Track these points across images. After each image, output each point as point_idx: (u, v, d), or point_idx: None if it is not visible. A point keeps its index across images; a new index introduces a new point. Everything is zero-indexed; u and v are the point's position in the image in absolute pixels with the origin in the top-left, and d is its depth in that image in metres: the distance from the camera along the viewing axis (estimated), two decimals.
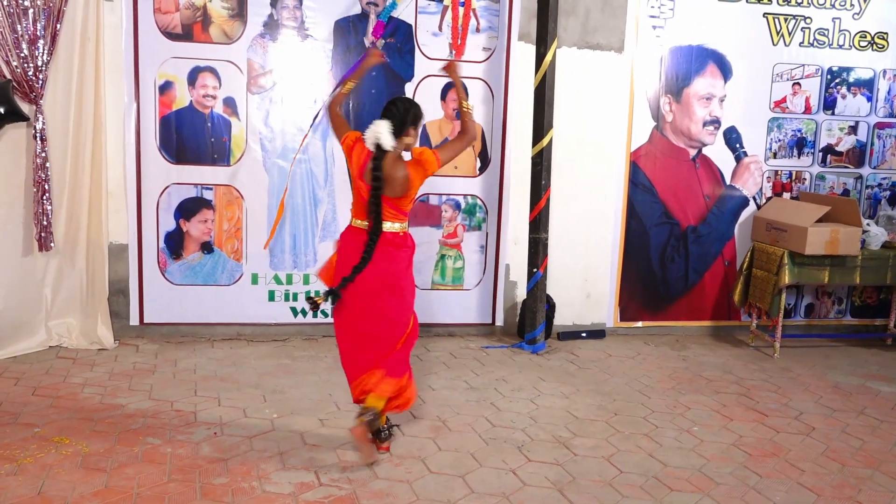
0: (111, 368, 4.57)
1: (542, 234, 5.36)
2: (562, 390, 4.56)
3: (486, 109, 5.46)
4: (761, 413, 4.35)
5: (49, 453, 3.37)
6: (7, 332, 4.67)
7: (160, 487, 3.12)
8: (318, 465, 3.40)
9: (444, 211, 5.53)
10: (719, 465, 3.62)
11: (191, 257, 5.20)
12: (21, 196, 4.67)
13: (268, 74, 5.13)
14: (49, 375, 4.40)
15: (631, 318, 5.93)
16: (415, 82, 5.32)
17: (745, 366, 5.27)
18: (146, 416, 3.87)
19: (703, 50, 5.71)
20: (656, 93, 5.71)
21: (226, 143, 5.13)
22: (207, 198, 5.15)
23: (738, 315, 6.07)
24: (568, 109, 5.51)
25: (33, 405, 3.93)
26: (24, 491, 3.03)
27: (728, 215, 5.95)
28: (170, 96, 5.02)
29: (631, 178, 5.74)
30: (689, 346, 5.70)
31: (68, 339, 4.93)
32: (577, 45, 5.52)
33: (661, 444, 3.84)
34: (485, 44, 5.39)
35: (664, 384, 4.78)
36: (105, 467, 3.27)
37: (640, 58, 5.62)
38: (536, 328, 5.36)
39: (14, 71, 4.46)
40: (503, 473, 3.42)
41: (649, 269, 5.87)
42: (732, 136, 5.86)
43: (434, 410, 4.12)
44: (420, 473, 3.37)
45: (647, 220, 5.81)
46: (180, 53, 4.98)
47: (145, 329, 5.20)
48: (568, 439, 3.83)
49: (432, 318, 5.57)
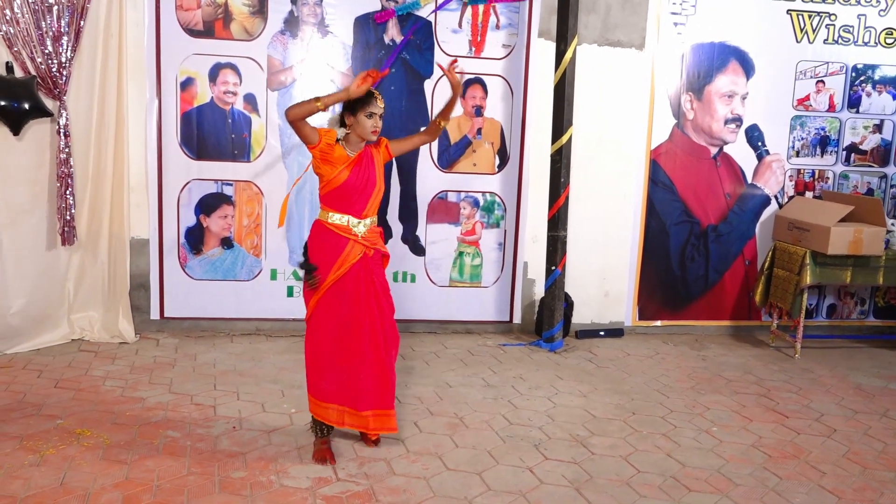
0: (132, 362, 4.62)
1: (561, 231, 5.35)
2: (579, 389, 4.55)
3: (506, 106, 5.45)
4: (782, 414, 4.31)
5: (71, 445, 3.42)
6: (30, 325, 4.74)
7: (179, 480, 3.15)
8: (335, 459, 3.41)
9: (462, 208, 5.53)
10: (738, 466, 3.59)
11: (211, 252, 5.24)
12: (45, 191, 4.73)
13: (288, 71, 5.16)
14: (71, 368, 4.46)
15: (650, 317, 5.90)
16: (434, 79, 5.32)
17: (765, 366, 5.22)
18: (166, 409, 3.91)
19: (726, 47, 5.65)
20: (677, 90, 5.66)
21: (246, 140, 5.16)
22: (227, 194, 5.19)
23: (758, 315, 6.01)
24: (588, 107, 5.49)
25: (56, 397, 3.99)
26: (46, 482, 3.07)
27: (749, 214, 5.90)
28: (191, 92, 5.06)
29: (651, 177, 5.71)
30: (708, 346, 5.66)
31: (90, 332, 4.99)
32: (597, 42, 5.49)
33: (680, 443, 3.81)
34: (504, 41, 5.37)
35: (683, 384, 4.75)
36: (126, 459, 3.31)
37: (661, 55, 5.58)
38: (554, 326, 5.34)
39: (38, 67, 4.52)
40: (520, 471, 3.42)
41: (669, 268, 5.84)
42: (754, 134, 5.80)
43: (451, 407, 4.13)
44: (437, 470, 3.38)
45: (667, 218, 5.77)
46: (201, 50, 5.02)
47: (166, 323, 5.25)
48: (585, 438, 3.82)
49: (450, 315, 5.57)
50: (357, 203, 3.35)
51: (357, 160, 3.34)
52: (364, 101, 3.28)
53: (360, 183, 3.33)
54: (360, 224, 3.36)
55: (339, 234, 3.34)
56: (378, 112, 3.31)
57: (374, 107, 3.29)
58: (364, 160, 3.37)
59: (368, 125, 3.29)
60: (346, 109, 3.32)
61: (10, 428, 3.57)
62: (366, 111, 3.28)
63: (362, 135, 3.32)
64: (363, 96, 3.27)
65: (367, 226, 3.39)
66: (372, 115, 3.29)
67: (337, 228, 3.34)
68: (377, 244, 3.45)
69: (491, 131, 5.48)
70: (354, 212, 3.35)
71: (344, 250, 3.33)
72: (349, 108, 3.31)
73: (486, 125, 5.46)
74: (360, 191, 3.34)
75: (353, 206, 3.35)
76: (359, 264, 3.36)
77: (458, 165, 5.47)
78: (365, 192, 3.36)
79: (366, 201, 3.37)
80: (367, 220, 3.38)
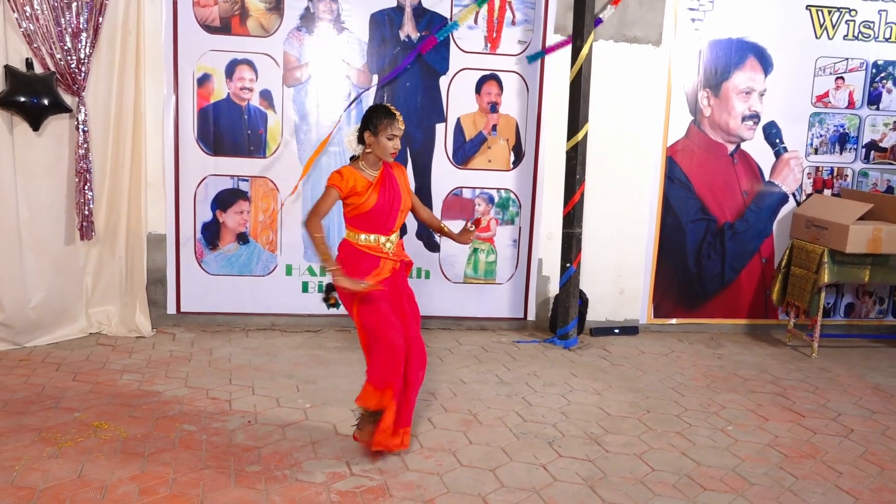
0: (149, 356, 4.66)
1: (576, 228, 5.33)
2: (594, 386, 4.53)
3: (521, 103, 5.43)
4: (798, 413, 4.27)
5: (88, 438, 3.45)
6: (49, 319, 4.79)
7: (195, 473, 3.17)
8: (349, 455, 3.43)
9: (477, 204, 5.52)
10: (754, 466, 3.57)
11: (227, 248, 5.27)
12: (63, 186, 4.77)
13: (304, 67, 5.17)
14: (89, 361, 4.50)
15: (665, 314, 5.87)
16: (449, 75, 5.31)
17: (781, 365, 5.18)
18: (182, 403, 3.94)
19: (744, 43, 5.60)
20: (694, 87, 5.62)
21: (262, 136, 5.19)
22: (243, 189, 5.22)
23: (775, 313, 5.97)
24: (604, 103, 5.46)
25: (73, 390, 4.03)
26: (64, 474, 3.11)
27: (766, 212, 5.85)
28: (208, 88, 5.08)
29: (667, 174, 5.67)
30: (724, 345, 5.62)
31: (108, 326, 5.03)
32: (613, 38, 5.46)
33: (695, 442, 3.79)
34: (520, 37, 5.36)
35: (698, 382, 4.72)
36: (142, 452, 3.34)
37: (678, 51, 5.54)
38: (569, 323, 5.33)
39: (58, 63, 4.56)
40: (533, 468, 3.41)
41: (684, 266, 5.80)
42: (772, 131, 5.75)
43: (465, 404, 4.13)
44: (450, 466, 3.38)
45: (683, 215, 5.74)
46: (218, 46, 5.04)
47: (182, 318, 5.29)
48: (599, 436, 3.81)
49: (464, 312, 5.57)
50: (387, 222, 3.34)
51: (380, 182, 3.32)
52: (386, 123, 3.24)
53: (387, 203, 3.32)
54: (387, 241, 3.36)
55: (371, 253, 3.33)
56: (399, 134, 3.28)
57: (396, 128, 3.26)
58: (386, 180, 3.35)
59: (389, 147, 3.27)
60: (366, 128, 3.28)
61: (29, 420, 3.62)
62: (387, 133, 3.25)
63: (381, 155, 3.29)
64: (385, 115, 3.25)
65: (394, 241, 3.40)
66: (393, 136, 3.26)
67: (368, 249, 3.33)
68: (402, 256, 3.47)
69: (506, 128, 5.46)
70: (384, 231, 3.35)
71: (377, 268, 3.32)
72: (370, 127, 3.27)
73: (502, 122, 5.44)
74: (388, 211, 3.33)
75: (383, 226, 3.34)
76: (389, 278, 3.37)
77: (473, 162, 5.46)
78: (392, 211, 3.35)
79: (394, 220, 3.37)
80: (393, 237, 3.39)
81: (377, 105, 3.37)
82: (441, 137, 5.39)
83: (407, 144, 5.34)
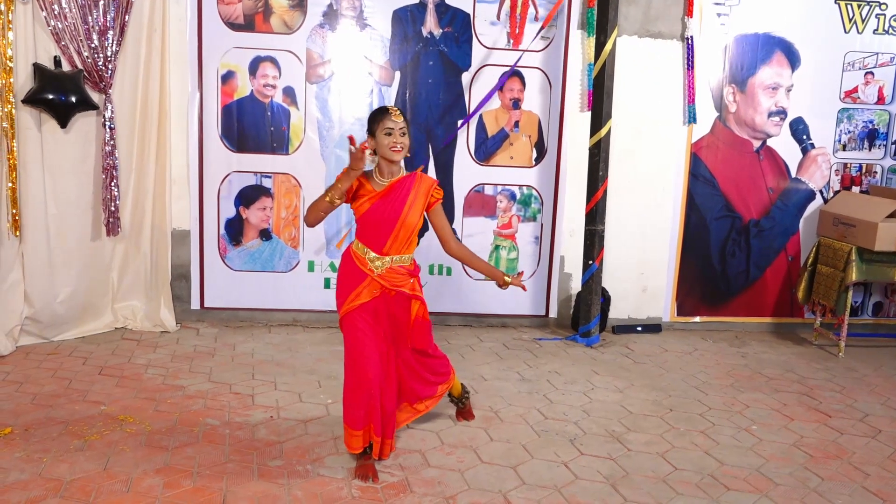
0: (173, 351, 4.72)
1: (599, 225, 5.30)
2: (616, 384, 4.51)
3: (544, 99, 5.41)
4: (824, 413, 4.22)
5: (114, 431, 3.50)
6: (76, 314, 4.86)
7: (219, 467, 3.21)
8: None
9: (499, 201, 5.51)
10: (779, 466, 3.53)
11: (250, 244, 5.31)
12: (90, 182, 4.84)
13: (326, 64, 5.19)
14: (115, 356, 4.57)
15: (688, 312, 5.82)
16: (472, 71, 5.31)
17: (807, 364, 5.12)
18: (206, 397, 3.98)
19: (770, 38, 5.53)
20: (719, 82, 5.56)
21: (285, 132, 5.22)
22: (266, 186, 5.25)
23: (801, 312, 5.89)
24: (627, 99, 5.42)
25: (100, 384, 4.09)
26: (91, 466, 3.16)
27: (793, 209, 5.78)
28: (231, 86, 5.12)
29: (691, 170, 5.62)
30: (748, 343, 5.56)
31: (133, 321, 5.10)
32: (637, 33, 5.42)
33: (718, 441, 3.76)
34: (543, 33, 5.33)
35: (722, 381, 4.68)
36: (167, 446, 3.38)
37: (703, 46, 5.48)
38: (591, 321, 5.30)
39: (85, 61, 4.62)
40: (555, 466, 3.41)
41: (709, 264, 5.75)
42: (799, 127, 5.68)
43: (486, 401, 4.13)
44: (471, 463, 3.39)
45: (708, 213, 5.69)
46: (242, 44, 5.08)
47: (206, 313, 5.34)
48: (621, 434, 3.79)
49: (485, 309, 5.57)
50: (378, 238, 3.14)
51: (384, 193, 3.13)
52: (380, 120, 3.08)
53: (379, 217, 3.12)
54: (377, 260, 3.15)
55: (357, 265, 3.17)
56: (395, 127, 3.07)
57: (389, 121, 3.06)
58: (394, 193, 3.13)
59: (386, 143, 3.07)
60: (368, 134, 3.15)
61: (56, 413, 3.68)
62: (383, 129, 3.07)
63: (385, 155, 3.10)
64: (378, 113, 3.11)
65: (388, 264, 3.15)
66: (390, 131, 3.06)
67: (356, 258, 3.18)
68: (401, 285, 3.18)
69: (528, 124, 5.44)
70: (375, 247, 3.15)
71: (360, 285, 3.16)
72: (370, 131, 3.13)
73: (524, 118, 5.43)
74: (379, 224, 3.13)
75: (374, 241, 3.15)
76: (379, 300, 3.18)
77: (495, 158, 5.45)
78: (384, 226, 3.12)
79: (386, 237, 3.13)
80: (387, 258, 3.15)
81: (375, 108, 3.26)
82: (463, 134, 5.38)
83: (429, 141, 5.34)
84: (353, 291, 3.17)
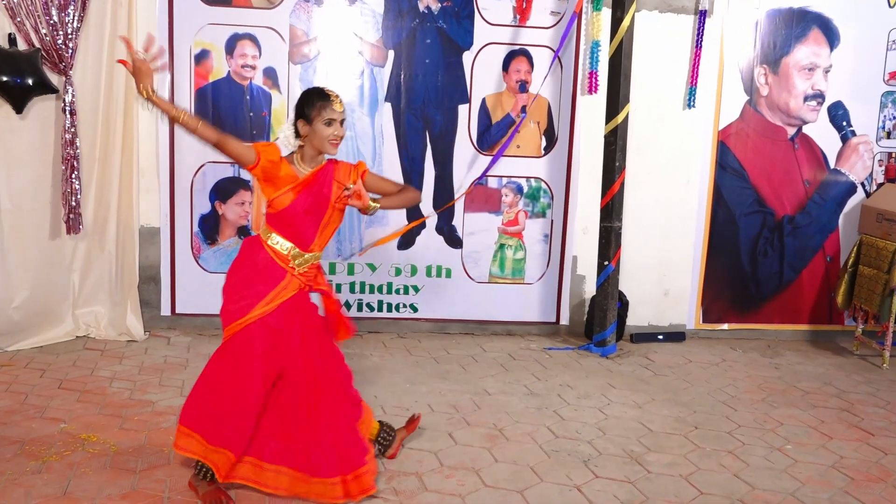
0: (141, 362, 4.71)
1: (615, 222, 5.30)
2: (634, 399, 4.52)
3: (554, 81, 5.42)
4: (866, 431, 4.23)
5: (76, 451, 3.50)
6: (33, 320, 4.86)
7: (191, 492, 3.20)
8: None
9: (504, 195, 5.52)
10: (816, 490, 3.53)
11: (226, 243, 5.32)
12: (49, 174, 4.84)
13: (312, 42, 5.19)
14: (76, 367, 4.56)
15: (715, 319, 5.83)
16: (474, 51, 5.31)
17: (847, 377, 5.13)
18: (177, 414, 3.96)
19: (806, 13, 5.54)
20: (750, 63, 5.57)
21: (265, 118, 5.22)
22: (245, 178, 5.25)
23: (840, 319, 5.90)
24: (647, 82, 5.42)
25: (59, 399, 4.09)
26: (49, 490, 3.15)
27: (831, 204, 5.79)
28: (206, 66, 5.12)
29: (718, 160, 5.63)
30: (782, 353, 5.57)
31: (96, 328, 5.10)
32: (658, 8, 5.42)
33: (749, 463, 3.77)
34: (553, 7, 5.33)
35: (753, 395, 4.69)
36: (134, 468, 3.38)
37: (731, 22, 5.49)
38: (606, 328, 5.31)
39: (43, 39, 4.62)
40: (567, 490, 3.41)
41: (738, 265, 5.76)
42: (838, 112, 5.69)
43: (490, 417, 4.13)
44: (474, 486, 3.39)
45: (737, 208, 5.69)
46: (218, 20, 5.08)
47: (177, 320, 5.34)
48: (641, 454, 3.79)
49: (489, 315, 5.58)
50: (305, 233, 3.11)
51: (308, 181, 3.08)
52: (319, 106, 3.02)
53: (307, 209, 3.09)
54: (299, 258, 3.12)
55: (277, 261, 3.11)
56: (337, 118, 3.04)
57: (331, 111, 3.02)
58: (318, 183, 3.10)
59: (326, 134, 3.03)
60: (298, 116, 3.07)
61: (11, 432, 3.67)
62: (322, 118, 3.02)
63: (320, 147, 3.06)
64: (318, 98, 3.04)
65: (308, 260, 3.15)
66: (331, 121, 3.02)
67: (275, 254, 3.11)
68: (316, 280, 3.22)
69: (537, 109, 5.45)
70: (301, 244, 3.12)
71: (279, 283, 3.09)
72: (302, 114, 3.06)
73: (532, 102, 5.43)
74: (307, 219, 3.10)
75: (300, 236, 3.11)
76: (292, 301, 3.11)
77: (499, 147, 5.45)
78: (312, 221, 3.12)
79: (314, 232, 3.13)
80: (309, 255, 3.14)
81: (309, 89, 3.15)
82: (464, 120, 5.38)
83: (426, 128, 5.34)
84: (271, 291, 3.08)
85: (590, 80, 5.36)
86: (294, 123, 3.10)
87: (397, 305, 5.52)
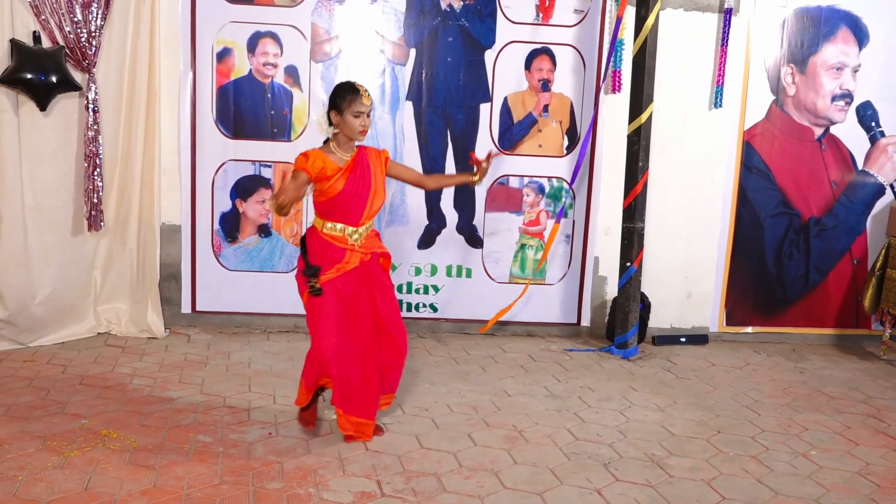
0: (161, 359, 4.76)
1: (638, 223, 5.28)
2: (656, 402, 4.50)
3: (577, 80, 5.40)
4: (893, 438, 4.18)
5: (96, 447, 3.54)
6: (55, 317, 4.92)
7: (211, 489, 3.23)
8: (380, 473, 3.45)
9: (525, 195, 5.51)
10: (841, 497, 3.50)
11: (247, 241, 5.35)
12: (71, 171, 4.90)
13: (333, 41, 5.21)
14: (97, 364, 4.62)
15: (739, 322, 5.79)
16: (496, 49, 5.31)
17: (874, 382, 5.07)
18: (197, 411, 4.01)
19: (835, 11, 5.49)
20: (776, 62, 5.52)
21: (286, 116, 5.25)
22: (266, 176, 5.29)
23: (867, 323, 5.85)
24: (671, 81, 5.40)
25: (81, 395, 4.14)
26: (70, 486, 3.19)
27: (859, 206, 5.74)
28: (228, 64, 5.16)
29: (743, 161, 5.59)
30: (807, 357, 5.52)
31: (117, 325, 5.15)
32: (683, 6, 5.40)
33: (772, 468, 3.74)
34: (576, 5, 5.32)
35: (777, 400, 4.65)
36: (154, 464, 3.41)
37: (758, 21, 5.45)
38: (628, 330, 5.29)
39: (67, 37, 4.67)
40: (587, 493, 3.40)
41: (763, 267, 5.72)
42: (867, 112, 5.63)
43: (509, 419, 4.13)
44: (493, 488, 3.39)
45: (762, 209, 5.65)
46: (240, 18, 5.12)
47: (197, 318, 5.39)
48: (662, 458, 3.77)
49: (509, 316, 5.57)
50: (354, 212, 3.57)
51: (351, 167, 3.55)
52: (350, 100, 3.47)
53: (355, 191, 3.55)
54: (354, 233, 3.59)
55: (335, 244, 3.57)
56: (365, 111, 3.49)
57: (360, 105, 3.47)
58: (359, 166, 3.58)
59: (356, 125, 3.49)
60: (332, 108, 3.53)
61: (33, 426, 3.72)
62: (352, 110, 3.47)
63: (350, 135, 3.53)
64: (349, 92, 3.47)
65: (362, 234, 3.61)
66: (359, 114, 3.48)
67: (332, 238, 3.57)
68: (374, 248, 3.67)
69: (559, 108, 5.44)
70: (351, 221, 3.58)
71: (342, 260, 3.57)
72: (334, 105, 3.51)
73: (554, 101, 5.42)
74: (356, 199, 3.56)
75: (350, 216, 3.57)
76: (356, 270, 3.60)
77: (521, 147, 5.45)
78: (360, 200, 3.57)
79: (362, 209, 3.58)
80: (362, 228, 3.60)
81: (342, 83, 3.57)
82: (486, 119, 5.38)
83: (448, 127, 5.35)
84: (337, 264, 3.56)
85: (613, 79, 5.35)
86: (327, 113, 3.56)
87: (417, 305, 5.53)
